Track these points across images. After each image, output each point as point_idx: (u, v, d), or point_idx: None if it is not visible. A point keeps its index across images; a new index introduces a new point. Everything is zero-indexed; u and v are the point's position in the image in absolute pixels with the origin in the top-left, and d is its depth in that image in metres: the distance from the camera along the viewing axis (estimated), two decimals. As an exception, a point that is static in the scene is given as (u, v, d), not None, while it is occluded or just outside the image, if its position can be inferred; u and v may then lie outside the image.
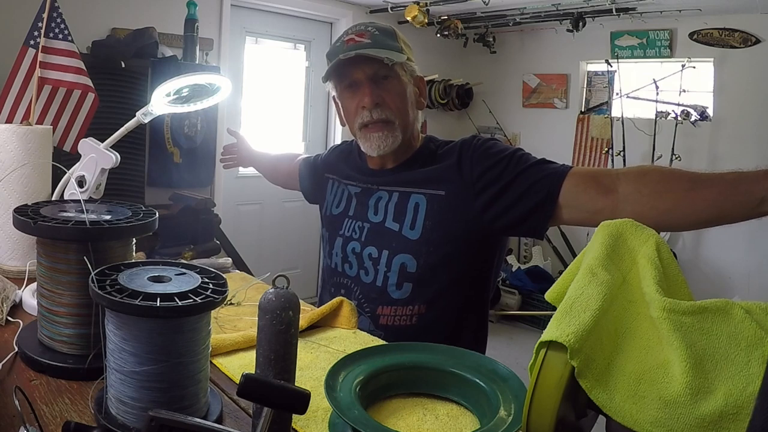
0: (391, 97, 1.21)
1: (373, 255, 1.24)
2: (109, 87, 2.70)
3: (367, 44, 1.20)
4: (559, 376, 0.62)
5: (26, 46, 1.97)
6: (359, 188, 1.32)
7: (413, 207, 1.21)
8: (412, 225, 1.20)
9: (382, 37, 1.22)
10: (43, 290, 0.88)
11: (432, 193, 1.21)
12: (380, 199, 1.27)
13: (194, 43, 3.07)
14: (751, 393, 0.57)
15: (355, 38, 1.21)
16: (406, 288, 1.21)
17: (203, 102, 1.21)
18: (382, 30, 1.24)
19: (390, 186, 1.27)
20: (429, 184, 1.22)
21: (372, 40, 1.21)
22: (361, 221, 1.28)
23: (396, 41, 1.24)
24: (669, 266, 0.73)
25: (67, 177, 1.19)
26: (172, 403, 0.69)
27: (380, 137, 1.22)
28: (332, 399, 0.71)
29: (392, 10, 4.11)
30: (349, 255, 1.28)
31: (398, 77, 1.22)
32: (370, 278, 1.24)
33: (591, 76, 4.47)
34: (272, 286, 0.69)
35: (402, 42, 1.25)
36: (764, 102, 3.63)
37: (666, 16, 3.75)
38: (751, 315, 0.62)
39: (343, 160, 1.43)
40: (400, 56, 1.21)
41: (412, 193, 1.23)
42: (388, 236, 1.23)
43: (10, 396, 0.73)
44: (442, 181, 1.21)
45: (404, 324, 1.21)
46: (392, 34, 1.25)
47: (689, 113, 3.79)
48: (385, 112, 1.21)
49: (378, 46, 1.20)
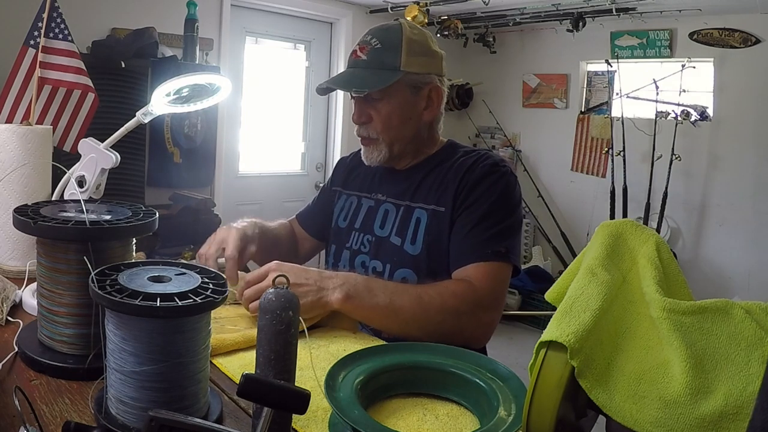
0: (378, 117, 1.24)
1: (378, 269, 1.26)
2: (109, 87, 2.70)
3: (361, 62, 1.23)
4: (559, 376, 0.62)
5: (26, 46, 1.98)
6: (372, 201, 1.34)
7: (415, 222, 1.24)
8: (413, 240, 1.23)
9: (380, 53, 1.22)
10: (43, 290, 0.88)
11: (434, 209, 1.23)
12: (387, 213, 1.29)
13: (194, 43, 3.07)
14: (751, 393, 0.57)
15: (357, 52, 1.25)
16: None
17: (203, 102, 1.21)
18: (387, 43, 1.22)
19: (398, 199, 1.29)
20: (434, 197, 1.24)
21: (368, 57, 1.22)
22: (369, 234, 1.30)
23: (397, 55, 1.21)
24: (669, 266, 0.73)
25: (67, 177, 1.19)
26: (172, 403, 0.69)
27: (367, 151, 1.29)
28: (332, 399, 0.71)
29: (392, 10, 4.11)
30: (357, 268, 1.29)
31: (389, 97, 1.22)
32: None
33: (591, 76, 4.47)
34: (272, 286, 0.69)
35: (408, 53, 1.21)
36: (764, 102, 3.63)
37: (666, 16, 3.75)
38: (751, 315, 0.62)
39: (350, 172, 1.45)
40: (388, 78, 1.19)
41: (415, 208, 1.26)
42: (391, 250, 1.25)
43: (10, 396, 0.73)
44: (444, 196, 1.23)
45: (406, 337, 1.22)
46: (396, 47, 1.21)
47: (689, 113, 3.79)
48: (368, 130, 1.26)
49: (370, 66, 1.22)
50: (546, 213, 4.45)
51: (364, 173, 1.40)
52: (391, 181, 1.33)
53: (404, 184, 1.29)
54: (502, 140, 4.79)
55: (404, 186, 1.29)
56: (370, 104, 1.24)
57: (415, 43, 1.23)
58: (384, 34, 1.24)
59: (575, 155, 4.43)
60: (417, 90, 1.25)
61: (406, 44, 1.22)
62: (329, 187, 1.49)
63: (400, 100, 1.23)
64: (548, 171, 4.60)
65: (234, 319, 1.14)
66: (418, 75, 1.23)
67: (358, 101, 1.25)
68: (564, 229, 4.34)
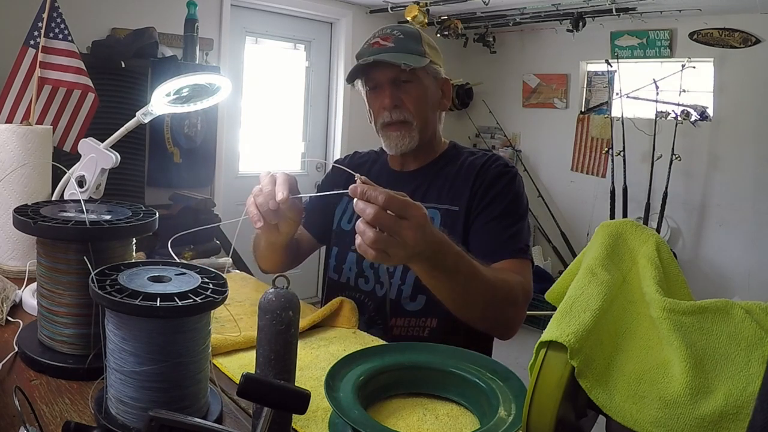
0: (410, 100, 1.26)
1: (389, 269, 1.26)
2: (109, 87, 2.70)
3: (389, 48, 1.26)
4: (559, 376, 0.62)
5: (26, 46, 1.97)
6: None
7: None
8: None
9: (405, 41, 1.27)
10: (43, 290, 0.88)
11: (446, 209, 1.26)
12: None
13: (194, 43, 3.07)
14: (751, 393, 0.57)
15: (380, 41, 1.28)
16: (420, 300, 1.23)
17: (203, 102, 1.21)
18: (408, 33, 1.29)
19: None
20: (446, 196, 1.27)
21: (395, 44, 1.26)
22: None
23: (420, 45, 1.28)
24: (669, 266, 0.73)
25: (67, 177, 1.19)
26: (172, 403, 0.69)
27: (398, 136, 1.28)
28: (332, 399, 0.71)
29: (392, 10, 4.10)
30: (365, 269, 1.29)
31: (419, 80, 1.27)
32: (384, 291, 1.26)
33: (591, 76, 4.47)
34: (272, 286, 0.69)
35: (426, 45, 1.29)
36: (764, 102, 3.63)
37: (666, 16, 3.75)
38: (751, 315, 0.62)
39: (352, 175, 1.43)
40: (421, 60, 1.25)
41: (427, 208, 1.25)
42: None
43: (10, 396, 0.73)
44: (457, 196, 1.26)
45: (416, 335, 1.23)
46: (417, 38, 1.28)
47: (689, 113, 3.79)
48: (403, 113, 1.26)
49: (399, 50, 1.25)
50: (546, 213, 4.45)
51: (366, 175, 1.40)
52: (399, 183, 1.33)
53: (412, 184, 1.31)
54: (502, 140, 4.78)
55: (413, 186, 1.30)
56: (400, 88, 1.26)
57: (428, 39, 1.31)
58: (402, 27, 1.31)
59: (575, 155, 4.43)
60: (436, 80, 1.31)
61: (424, 38, 1.30)
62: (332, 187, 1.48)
63: (426, 86, 1.28)
64: (548, 171, 4.60)
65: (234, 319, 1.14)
66: (435, 66, 1.30)
67: (388, 86, 1.26)
68: (564, 229, 4.33)
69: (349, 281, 1.32)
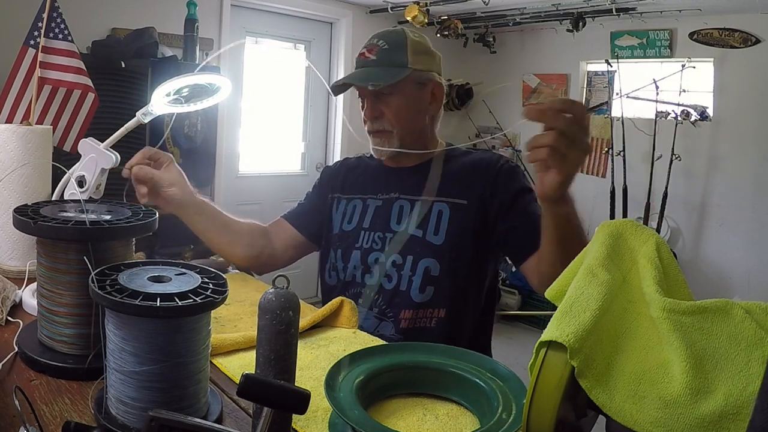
0: (389, 111, 1.31)
1: (398, 262, 1.29)
2: (109, 87, 2.69)
3: (371, 62, 1.32)
4: (559, 376, 0.62)
5: (26, 46, 1.97)
6: (380, 201, 1.37)
7: (437, 214, 1.29)
8: (436, 230, 1.28)
9: (388, 52, 1.31)
10: (43, 290, 0.88)
11: (455, 201, 1.29)
12: (402, 208, 1.33)
13: (194, 43, 3.06)
14: (751, 393, 0.57)
15: (365, 53, 1.33)
16: (429, 291, 1.26)
17: (203, 102, 1.21)
18: (393, 43, 1.32)
19: (411, 195, 1.34)
20: (451, 191, 1.30)
21: (377, 56, 1.31)
22: (382, 231, 1.33)
23: (403, 55, 1.30)
24: (669, 266, 0.73)
25: (67, 177, 1.19)
26: (172, 403, 0.69)
27: (379, 143, 1.34)
28: (332, 399, 0.71)
29: (392, 10, 4.10)
30: (371, 265, 1.32)
31: (399, 91, 1.30)
32: (393, 284, 1.28)
33: (591, 76, 4.47)
34: (272, 286, 0.69)
35: (412, 52, 1.31)
36: (764, 102, 3.63)
37: (666, 16, 3.75)
38: (751, 315, 0.62)
39: (347, 177, 1.46)
40: (398, 73, 1.28)
41: (434, 202, 1.31)
42: (412, 243, 1.29)
43: (10, 396, 0.73)
44: (466, 190, 1.29)
45: (423, 326, 1.25)
46: (402, 47, 1.31)
47: (689, 113, 3.79)
48: (383, 123, 1.32)
49: (380, 64, 1.30)
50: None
51: (363, 176, 1.43)
52: (399, 179, 1.37)
53: (413, 179, 1.34)
54: (502, 140, 4.78)
55: (414, 181, 1.34)
56: (380, 100, 1.31)
57: (417, 44, 1.33)
58: (389, 36, 1.34)
59: (575, 155, 4.42)
60: (422, 86, 1.33)
61: (410, 45, 1.32)
62: (327, 193, 1.47)
63: (408, 95, 1.32)
64: (548, 171, 4.59)
65: (234, 319, 1.14)
66: (422, 72, 1.32)
67: (369, 98, 1.32)
68: (564, 229, 4.33)
69: (356, 278, 1.33)
